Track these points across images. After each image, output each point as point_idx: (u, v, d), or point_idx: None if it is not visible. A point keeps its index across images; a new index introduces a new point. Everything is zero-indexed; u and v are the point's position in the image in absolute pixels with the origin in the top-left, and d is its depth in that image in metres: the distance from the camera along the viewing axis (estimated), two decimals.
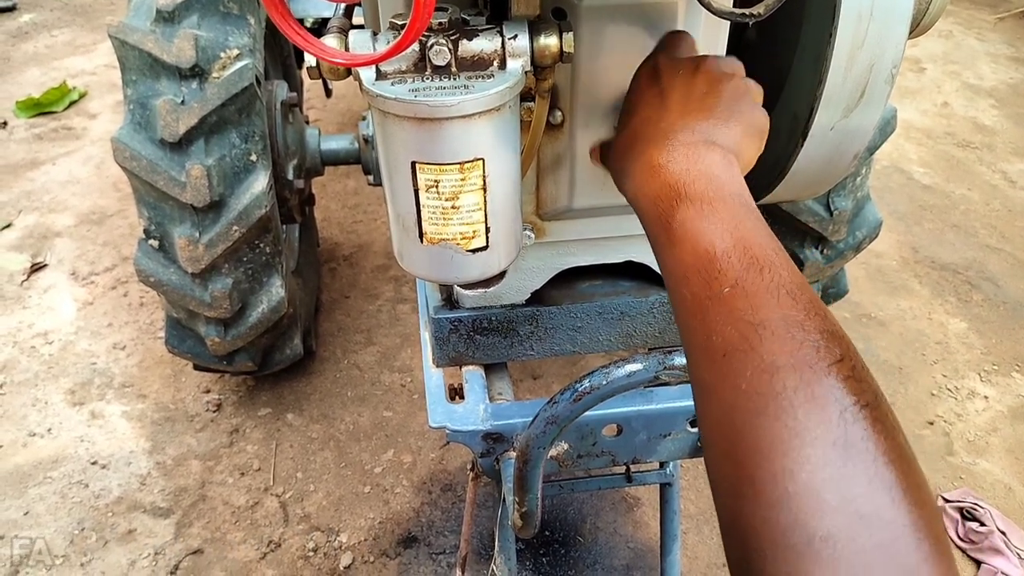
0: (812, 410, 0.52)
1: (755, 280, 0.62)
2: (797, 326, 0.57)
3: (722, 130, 0.79)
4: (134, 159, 1.78)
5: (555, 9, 0.89)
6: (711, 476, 0.59)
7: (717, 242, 0.66)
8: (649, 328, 1.23)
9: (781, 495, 0.50)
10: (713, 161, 0.74)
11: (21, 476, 2.17)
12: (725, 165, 0.75)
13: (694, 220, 0.69)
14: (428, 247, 0.85)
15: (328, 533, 2.04)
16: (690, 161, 0.74)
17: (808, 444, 0.51)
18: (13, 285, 2.83)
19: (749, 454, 0.54)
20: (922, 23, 1.05)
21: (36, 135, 3.72)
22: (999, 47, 4.79)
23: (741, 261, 0.64)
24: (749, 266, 0.63)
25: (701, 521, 2.09)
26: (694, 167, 0.74)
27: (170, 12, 1.78)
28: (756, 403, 0.55)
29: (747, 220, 0.69)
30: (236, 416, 2.34)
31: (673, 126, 0.79)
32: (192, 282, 1.88)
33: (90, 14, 4.96)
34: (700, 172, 0.73)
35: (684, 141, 0.77)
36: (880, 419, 0.52)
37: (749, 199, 0.73)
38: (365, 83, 0.77)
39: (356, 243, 3.05)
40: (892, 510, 0.48)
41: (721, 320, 0.61)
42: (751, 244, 0.65)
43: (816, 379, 0.54)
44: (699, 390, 0.62)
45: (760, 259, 0.64)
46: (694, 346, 0.64)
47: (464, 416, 1.14)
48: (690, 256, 0.67)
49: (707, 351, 0.61)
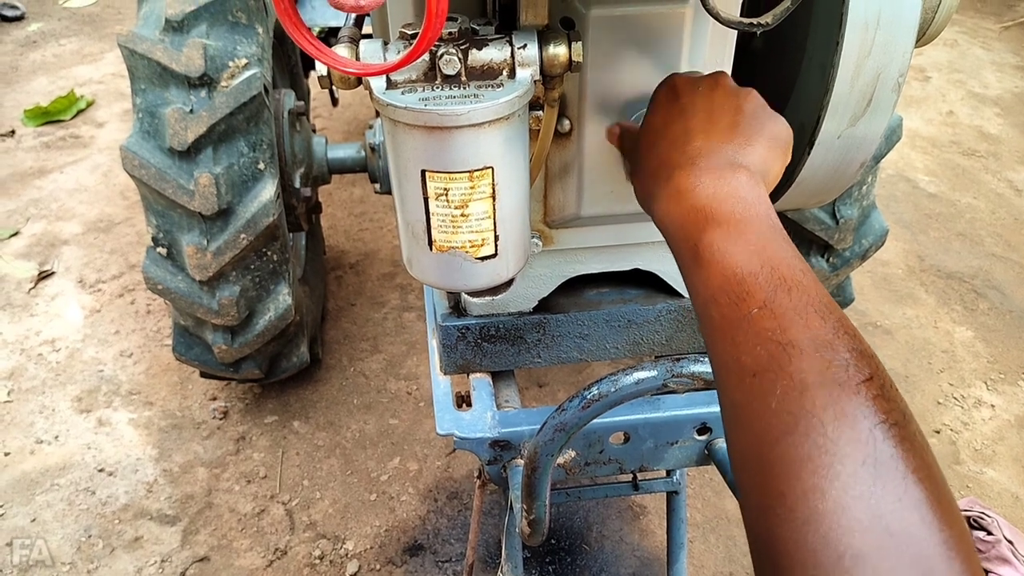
0: (842, 428, 0.53)
1: (783, 300, 0.62)
2: (826, 346, 0.58)
3: (747, 150, 0.80)
4: (143, 167, 1.79)
5: (563, 19, 0.89)
6: (741, 494, 0.60)
7: (744, 263, 0.67)
8: (656, 336, 1.23)
9: (811, 512, 0.50)
10: (740, 183, 0.75)
11: (28, 483, 2.17)
12: (751, 186, 0.75)
13: (722, 242, 0.69)
14: (437, 255, 0.86)
15: (334, 541, 2.04)
16: (717, 184, 0.75)
17: (838, 462, 0.51)
18: (21, 293, 2.84)
19: (779, 472, 0.54)
20: (928, 32, 1.05)
21: (44, 143, 3.74)
22: (1004, 56, 4.80)
23: (769, 282, 0.64)
24: (777, 286, 0.63)
25: (707, 529, 2.08)
26: (721, 190, 0.74)
27: (179, 22, 1.79)
28: (786, 421, 0.55)
29: (774, 241, 0.69)
30: (243, 423, 2.35)
31: (699, 150, 0.79)
32: (200, 290, 1.89)
33: (97, 23, 4.99)
34: (727, 194, 0.74)
35: (710, 165, 0.77)
36: (909, 437, 0.53)
37: (776, 219, 0.73)
38: (376, 92, 0.78)
39: (362, 251, 3.06)
40: (923, 528, 0.48)
41: (750, 341, 0.61)
42: (779, 264, 0.66)
43: (846, 397, 0.54)
44: (729, 410, 0.63)
45: (788, 279, 0.64)
46: (723, 366, 0.64)
47: (472, 424, 1.14)
48: (718, 277, 0.67)
49: (737, 371, 0.62)
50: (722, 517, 2.11)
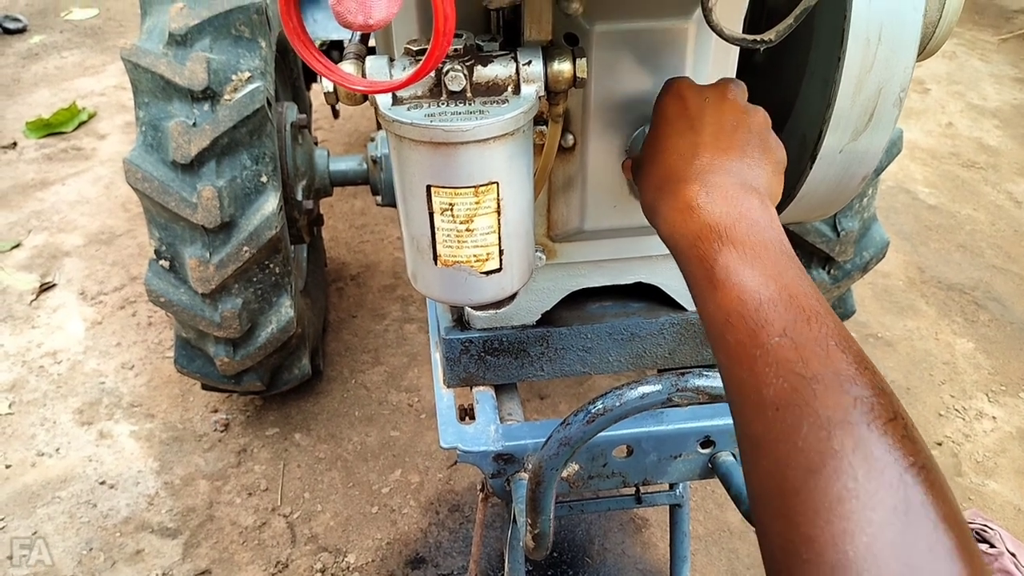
0: (872, 472, 0.52)
1: (803, 331, 0.61)
2: (850, 381, 0.57)
3: (756, 171, 0.79)
4: (146, 180, 1.79)
5: (567, 35, 0.90)
6: (760, 528, 0.59)
7: (762, 289, 0.66)
8: (659, 349, 1.23)
9: (841, 558, 0.49)
10: (752, 205, 0.74)
11: (30, 496, 2.17)
12: (763, 209, 0.74)
13: (738, 264, 0.68)
14: (442, 269, 0.86)
15: (336, 554, 2.04)
16: (729, 204, 0.74)
17: (869, 507, 0.50)
18: (22, 304, 2.84)
19: (806, 513, 0.53)
20: (929, 46, 1.06)
21: (46, 155, 3.75)
22: (1003, 68, 4.81)
23: (788, 311, 0.63)
24: (796, 316, 0.62)
25: (710, 542, 2.08)
26: (734, 210, 0.73)
27: (182, 35, 1.80)
28: (812, 460, 0.54)
29: (790, 268, 0.68)
30: (244, 436, 2.35)
31: (708, 165, 0.78)
32: (202, 302, 1.89)
33: (99, 36, 5.01)
34: (740, 215, 0.73)
35: (721, 183, 0.76)
36: (936, 482, 0.52)
37: (788, 245, 0.72)
38: (382, 108, 0.78)
39: (363, 263, 3.07)
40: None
41: (771, 372, 0.60)
42: (797, 293, 0.65)
43: (873, 439, 0.53)
44: (749, 443, 0.61)
45: (807, 309, 0.63)
46: (741, 396, 0.63)
47: (475, 437, 1.14)
48: (734, 302, 0.66)
49: (757, 404, 0.60)
50: (724, 530, 2.10)
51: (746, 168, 0.79)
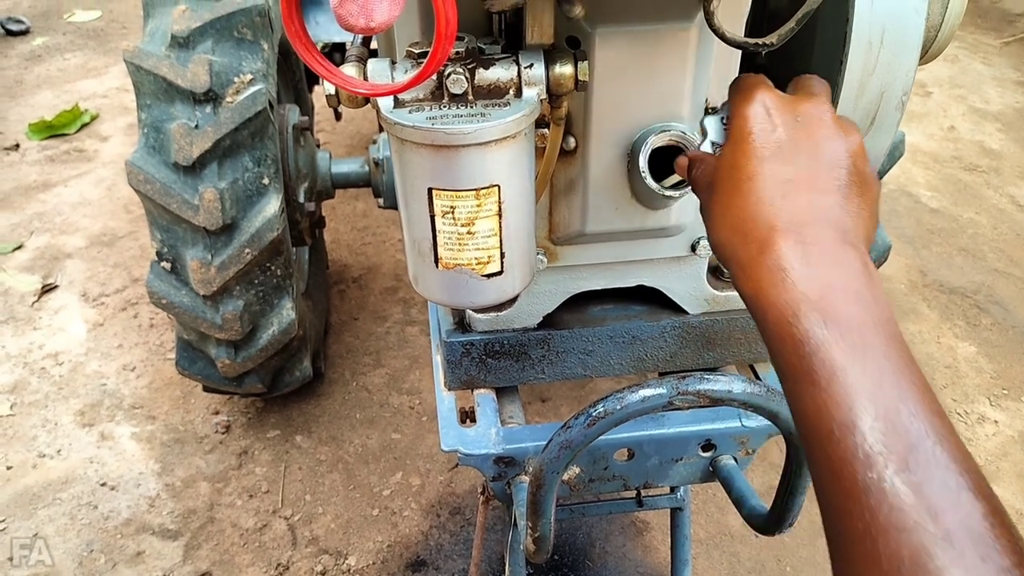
0: None
1: (928, 464, 0.51)
2: (988, 545, 0.48)
3: (856, 217, 0.67)
4: (148, 182, 1.79)
5: (569, 38, 0.90)
6: None
7: (877, 399, 0.55)
8: (660, 352, 1.23)
9: None
10: (856, 271, 0.63)
11: (31, 497, 2.17)
12: (868, 277, 0.63)
13: (844, 361, 0.57)
14: (443, 272, 0.86)
15: (336, 556, 2.04)
16: (832, 269, 0.62)
17: None
18: (24, 306, 2.84)
19: None
20: (931, 50, 1.06)
21: (48, 157, 3.76)
22: (1005, 71, 4.81)
23: (909, 431, 0.53)
24: (920, 439, 0.53)
25: (711, 546, 2.08)
26: (837, 279, 0.62)
27: (185, 38, 1.80)
28: None
29: (908, 368, 0.58)
30: (245, 438, 2.35)
31: (805, 212, 0.66)
32: (204, 304, 1.89)
33: (102, 38, 5.01)
34: (844, 287, 0.61)
35: (821, 238, 0.64)
36: None
37: (896, 325, 0.62)
38: (383, 111, 0.78)
39: (365, 265, 3.07)
40: None
41: (890, 518, 0.50)
42: (918, 404, 0.55)
43: None
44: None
45: (930, 430, 0.53)
46: (849, 538, 0.53)
47: (476, 440, 1.14)
48: (843, 411, 0.55)
49: (870, 555, 0.51)
50: (725, 533, 2.10)
51: (846, 215, 0.66)
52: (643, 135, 0.95)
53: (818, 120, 0.71)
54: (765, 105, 0.72)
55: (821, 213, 0.66)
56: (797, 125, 0.70)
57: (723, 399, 0.87)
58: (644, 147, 0.94)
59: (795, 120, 0.71)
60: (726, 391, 0.86)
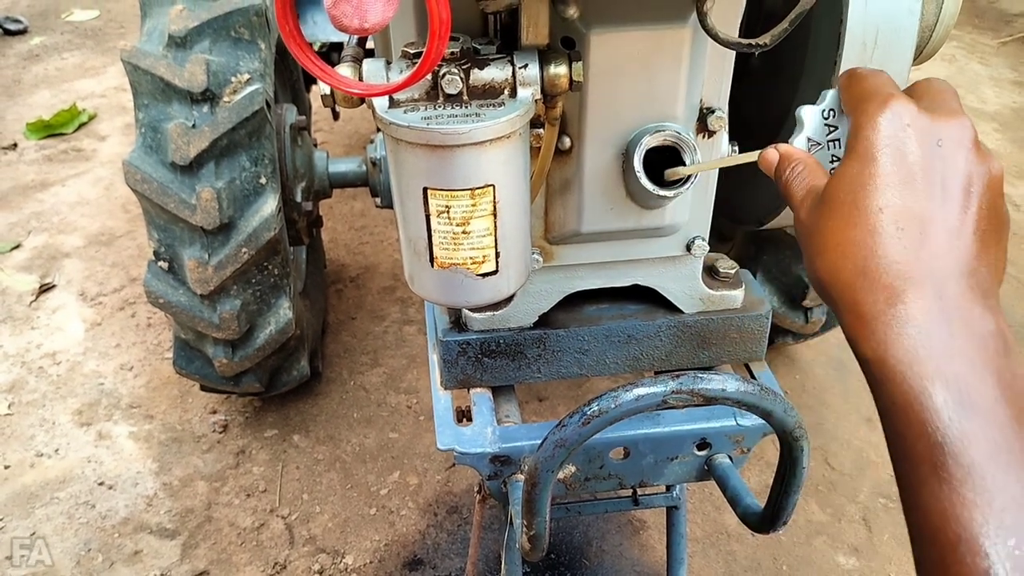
0: None
1: None
2: None
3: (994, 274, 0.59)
4: (145, 182, 1.80)
5: (564, 38, 0.90)
6: None
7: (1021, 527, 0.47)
8: (656, 351, 1.24)
9: None
10: (999, 346, 0.54)
11: (28, 496, 2.17)
12: (1009, 354, 0.54)
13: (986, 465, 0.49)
14: (439, 271, 0.86)
15: (334, 555, 2.04)
16: (972, 342, 0.54)
17: None
18: (22, 305, 2.84)
19: None
20: (926, 50, 1.06)
21: (46, 156, 3.76)
22: (1002, 71, 4.82)
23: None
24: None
25: (707, 544, 2.08)
26: (979, 355, 0.53)
27: (182, 37, 1.80)
28: None
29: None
30: (243, 437, 2.35)
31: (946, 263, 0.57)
32: (201, 303, 1.89)
33: (100, 37, 5.01)
34: (986, 365, 0.53)
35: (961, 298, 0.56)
36: None
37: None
38: (379, 111, 0.78)
39: (363, 264, 3.07)
40: None
41: None
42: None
43: None
44: None
45: None
46: None
47: (472, 439, 1.14)
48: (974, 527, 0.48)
49: None
50: (722, 532, 2.11)
51: (986, 266, 0.58)
52: (638, 135, 0.96)
53: (961, 145, 0.60)
54: (902, 120, 0.61)
55: (961, 264, 0.57)
56: (937, 150, 0.60)
57: (717, 398, 0.87)
58: (639, 147, 0.94)
59: (935, 143, 0.60)
60: (720, 390, 0.86)
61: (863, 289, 0.58)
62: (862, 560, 2.05)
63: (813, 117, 0.72)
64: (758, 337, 1.22)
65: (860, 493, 2.22)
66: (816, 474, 2.27)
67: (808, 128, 0.72)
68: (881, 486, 2.24)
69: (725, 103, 1.02)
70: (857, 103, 0.65)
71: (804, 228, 0.65)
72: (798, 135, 0.73)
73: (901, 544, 2.09)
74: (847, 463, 2.31)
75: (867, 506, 2.19)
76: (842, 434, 2.40)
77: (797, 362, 2.64)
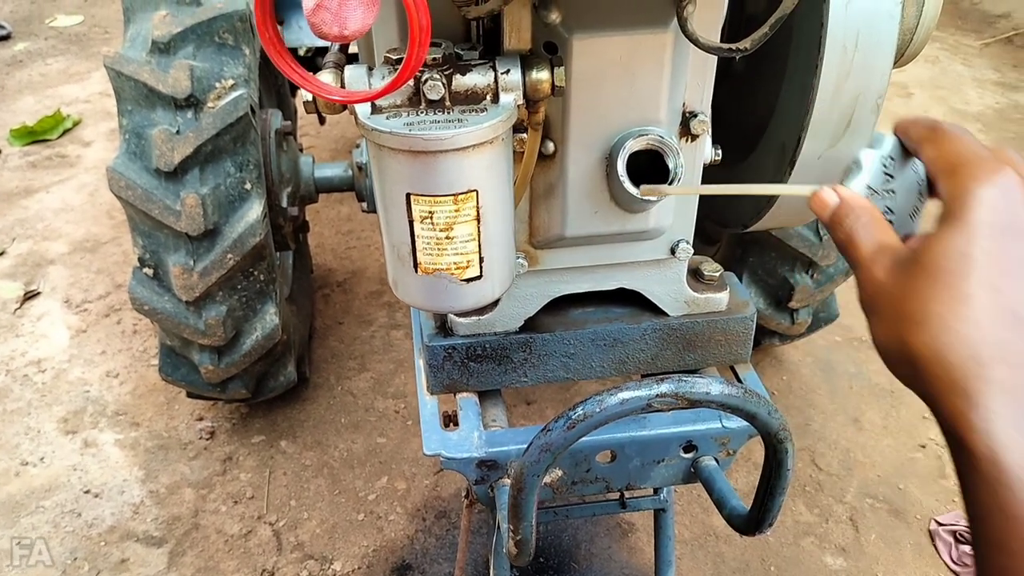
0: None
1: None
2: None
3: None
4: (129, 188, 1.79)
5: (546, 43, 0.90)
6: None
7: None
8: (642, 354, 1.24)
9: None
10: None
11: (13, 505, 2.16)
12: None
13: None
14: (423, 277, 0.86)
15: (322, 561, 2.03)
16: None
17: None
18: (6, 313, 2.82)
19: None
20: (907, 53, 1.07)
21: (30, 163, 3.73)
22: (985, 72, 4.85)
23: None
24: None
25: (695, 546, 2.08)
26: None
27: (166, 43, 1.80)
28: None
29: None
30: (229, 444, 2.34)
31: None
32: (186, 310, 1.89)
33: (84, 43, 4.99)
34: None
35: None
36: None
37: None
38: (361, 117, 0.78)
39: (349, 269, 3.06)
40: None
41: None
42: None
43: None
44: None
45: None
46: None
47: (458, 443, 1.14)
48: None
49: None
50: (710, 534, 2.11)
51: None
52: (621, 139, 0.96)
53: None
54: (1014, 195, 0.57)
55: None
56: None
57: (701, 401, 0.87)
58: (622, 151, 0.94)
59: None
60: (704, 393, 0.86)
61: (977, 377, 0.53)
62: (849, 560, 2.06)
63: (873, 163, 0.67)
64: (743, 339, 1.23)
65: (847, 494, 2.23)
66: (803, 475, 2.27)
67: (868, 174, 0.67)
68: (868, 486, 2.25)
69: (708, 107, 1.02)
70: (955, 167, 0.62)
71: (885, 290, 0.61)
72: (855, 179, 0.67)
73: (888, 544, 2.10)
74: (834, 464, 2.32)
75: (854, 506, 2.19)
76: (829, 435, 2.41)
77: (784, 363, 2.65)
